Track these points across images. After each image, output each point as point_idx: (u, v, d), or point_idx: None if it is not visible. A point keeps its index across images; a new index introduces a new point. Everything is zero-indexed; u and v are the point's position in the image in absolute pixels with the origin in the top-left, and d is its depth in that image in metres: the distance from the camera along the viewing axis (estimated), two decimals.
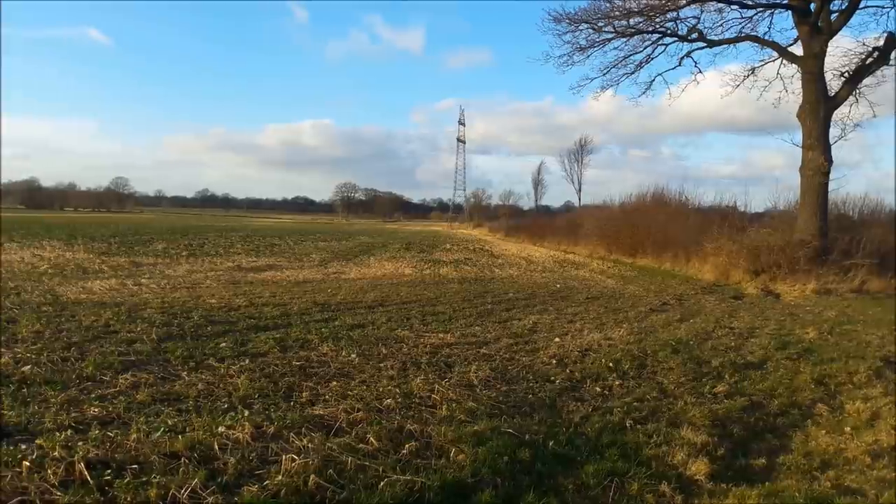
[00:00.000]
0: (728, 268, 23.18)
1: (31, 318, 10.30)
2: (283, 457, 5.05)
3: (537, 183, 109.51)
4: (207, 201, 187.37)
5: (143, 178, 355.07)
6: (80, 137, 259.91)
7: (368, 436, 5.69)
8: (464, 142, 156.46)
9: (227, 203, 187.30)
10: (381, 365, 8.39)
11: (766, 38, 24.59)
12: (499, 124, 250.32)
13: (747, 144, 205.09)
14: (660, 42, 25.73)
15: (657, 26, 25.17)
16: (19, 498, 4.16)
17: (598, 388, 7.92)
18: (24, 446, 5.02)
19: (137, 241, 33.66)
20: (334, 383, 7.44)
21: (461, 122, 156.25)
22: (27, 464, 4.60)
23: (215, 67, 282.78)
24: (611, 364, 9.07)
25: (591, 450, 5.82)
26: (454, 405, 6.72)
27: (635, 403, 7.35)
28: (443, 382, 7.59)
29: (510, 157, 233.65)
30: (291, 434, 5.64)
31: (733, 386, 8.33)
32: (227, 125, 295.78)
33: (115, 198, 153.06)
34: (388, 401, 6.78)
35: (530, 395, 7.42)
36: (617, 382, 8.23)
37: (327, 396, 6.91)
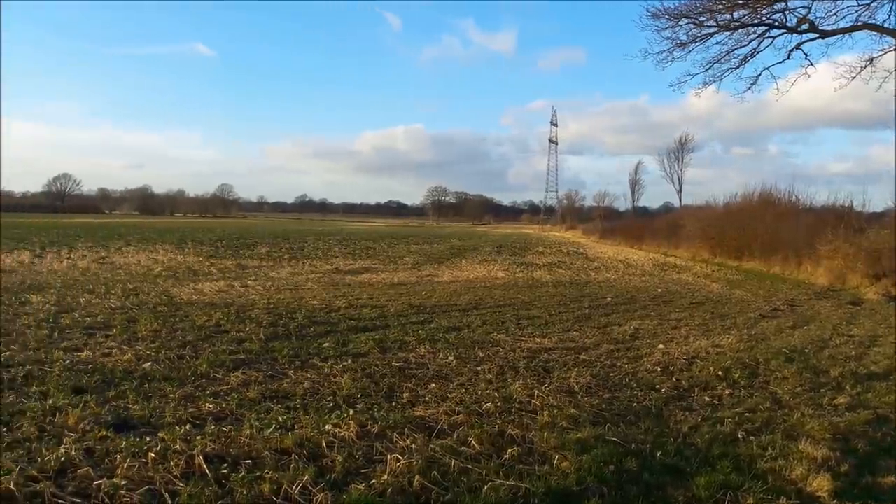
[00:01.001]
0: (844, 271, 21.75)
1: (149, 318, 10.98)
2: (388, 456, 5.12)
3: (634, 183, 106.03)
4: (306, 206, 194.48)
5: (245, 184, 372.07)
6: (188, 147, 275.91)
7: (470, 439, 5.69)
8: (556, 142, 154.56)
9: (323, 208, 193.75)
10: (479, 368, 8.39)
11: (887, 25, 22.84)
12: (592, 124, 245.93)
13: (863, 140, 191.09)
14: (766, 35, 24.37)
15: (763, 18, 23.86)
16: (147, 487, 4.43)
17: (706, 398, 7.59)
18: (148, 438, 5.34)
19: (242, 244, 35.33)
20: (433, 385, 7.50)
21: (553, 123, 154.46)
22: (153, 455, 4.89)
23: (313, 77, 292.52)
24: (720, 372, 8.68)
25: (701, 461, 5.57)
26: (555, 411, 6.62)
27: (747, 414, 6.99)
28: (542, 388, 7.49)
29: (604, 158, 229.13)
30: (395, 434, 5.72)
31: (855, 398, 7.76)
32: (324, 133, 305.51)
33: (220, 203, 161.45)
34: (488, 405, 6.76)
35: (634, 404, 7.20)
36: (727, 391, 7.86)
37: (427, 398, 6.97)
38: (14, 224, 55.02)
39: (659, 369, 8.82)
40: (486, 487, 4.72)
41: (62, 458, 4.81)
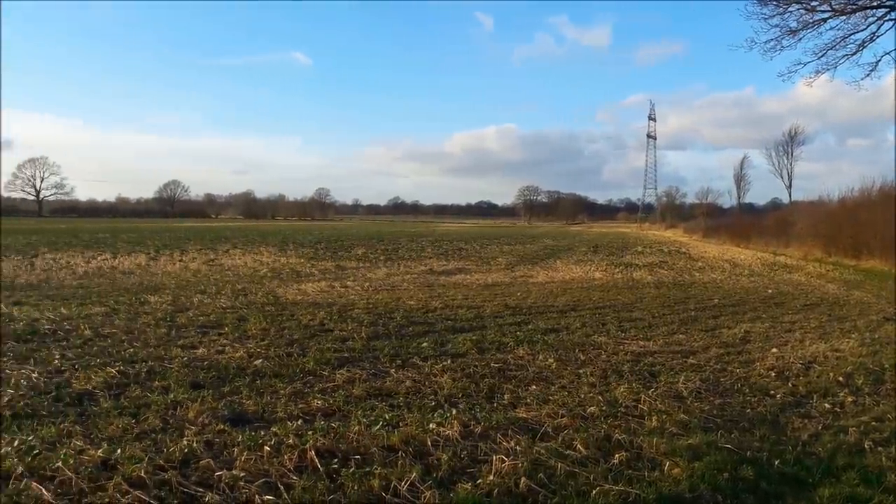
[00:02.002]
0: None
1: (258, 317, 11.47)
2: (494, 457, 5.10)
3: (739, 179, 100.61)
4: (398, 208, 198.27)
5: (341, 188, 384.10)
6: (288, 152, 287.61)
7: (575, 442, 5.58)
8: (654, 138, 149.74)
9: (415, 209, 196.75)
10: (581, 371, 8.23)
11: None
12: (693, 118, 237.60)
13: None
14: (887, 17, 22.68)
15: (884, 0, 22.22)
16: (263, 479, 4.60)
17: (826, 405, 7.10)
18: (262, 432, 5.57)
19: (339, 246, 36.39)
20: (534, 387, 7.41)
21: (651, 118, 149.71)
22: (267, 449, 5.09)
23: (405, 81, 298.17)
24: (841, 378, 8.11)
25: (823, 471, 5.21)
26: (664, 416, 6.38)
27: (874, 423, 6.49)
28: (649, 392, 7.25)
29: (706, 152, 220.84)
30: (498, 435, 5.69)
31: None
32: (415, 136, 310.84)
33: (317, 207, 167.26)
34: (592, 408, 6.61)
35: (748, 410, 6.84)
36: (850, 399, 7.33)
37: (528, 400, 6.89)
38: (130, 229, 59.14)
39: (773, 374, 8.34)
40: (594, 492, 4.61)
41: (185, 450, 5.09)
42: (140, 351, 8.69)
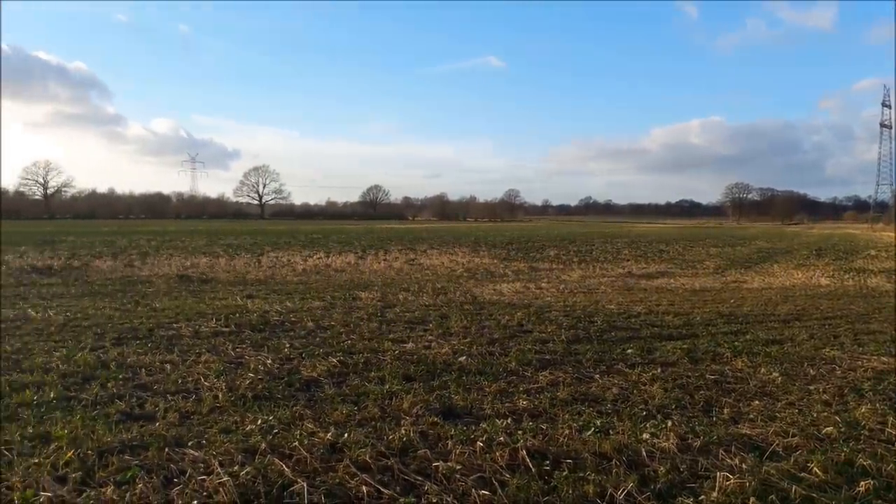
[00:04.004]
0: None
1: (458, 315, 11.81)
2: (717, 474, 4.73)
3: None
4: (590, 208, 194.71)
5: (531, 188, 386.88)
6: (479, 155, 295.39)
7: (810, 465, 5.00)
8: (889, 127, 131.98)
9: (608, 209, 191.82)
10: (811, 387, 7.39)
11: None
12: None
13: None
14: None
15: None
16: (478, 474, 4.67)
17: None
18: (473, 428, 5.68)
19: (531, 247, 36.48)
20: (757, 402, 6.79)
21: (885, 104, 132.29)
22: (480, 445, 5.18)
23: (599, 77, 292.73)
24: None
25: None
26: None
27: None
28: None
29: None
30: (720, 450, 5.27)
31: None
32: (608, 133, 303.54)
33: (507, 208, 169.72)
34: (828, 429, 5.89)
35: None
36: None
37: (752, 415, 6.32)
38: (339, 230, 64.21)
39: None
40: None
41: (403, 439, 5.33)
42: (357, 343, 9.32)
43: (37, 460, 4.86)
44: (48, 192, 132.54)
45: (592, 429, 5.65)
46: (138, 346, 8.99)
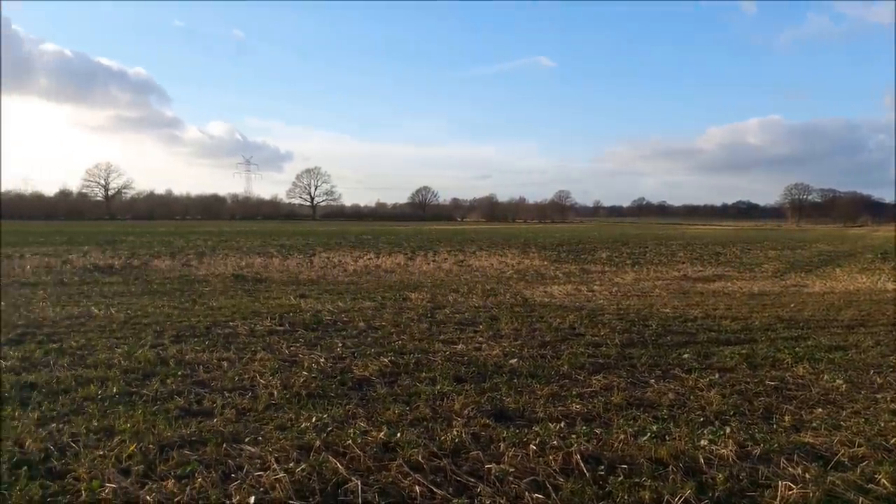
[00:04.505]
0: None
1: (509, 317, 11.77)
2: (779, 483, 4.58)
3: None
4: (643, 209, 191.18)
5: (581, 189, 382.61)
6: (528, 156, 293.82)
7: (878, 476, 4.79)
8: None
9: (662, 210, 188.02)
10: (878, 396, 7.09)
11: None
12: None
13: None
14: None
15: None
16: (531, 477, 4.64)
17: None
18: (525, 430, 5.64)
19: (582, 249, 36.06)
20: (819, 410, 6.55)
21: None
22: (533, 448, 5.14)
23: (652, 76, 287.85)
24: None
25: None
26: None
27: None
28: None
29: None
30: (782, 459, 5.09)
31: None
32: (663, 133, 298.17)
33: (556, 209, 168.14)
34: None
35: None
36: None
37: (815, 424, 6.09)
38: (388, 231, 64.75)
39: None
40: None
41: (455, 440, 5.33)
42: (407, 343, 9.37)
43: (101, 453, 5.04)
44: (109, 193, 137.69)
45: (648, 434, 5.55)
46: (196, 343, 9.24)
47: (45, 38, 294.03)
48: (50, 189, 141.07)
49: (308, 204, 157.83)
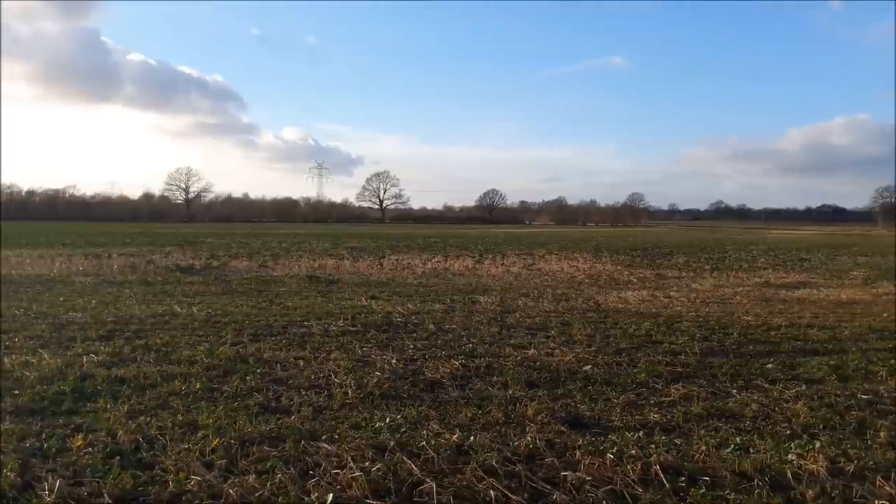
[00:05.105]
0: None
1: (581, 323, 11.57)
2: (875, 502, 4.32)
3: None
4: (721, 213, 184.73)
5: (656, 192, 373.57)
6: (600, 158, 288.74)
7: None
8: None
9: (741, 214, 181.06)
10: None
11: None
12: None
13: None
14: None
15: None
16: (609, 487, 4.53)
17: None
18: (602, 439, 5.52)
19: (657, 254, 35.14)
20: None
21: None
22: (610, 456, 5.02)
23: (732, 75, 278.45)
24: None
25: None
26: None
27: None
28: None
29: None
30: (878, 478, 4.79)
31: None
32: (742, 134, 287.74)
33: (629, 212, 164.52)
34: None
35: None
36: None
37: None
38: (456, 234, 65.02)
39: None
40: None
41: (529, 446, 5.28)
42: (478, 347, 9.36)
43: (186, 446, 5.24)
44: (189, 196, 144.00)
45: (731, 446, 5.33)
46: (273, 342, 9.50)
47: (132, 47, 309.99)
48: (134, 192, 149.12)
49: (377, 207, 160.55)
